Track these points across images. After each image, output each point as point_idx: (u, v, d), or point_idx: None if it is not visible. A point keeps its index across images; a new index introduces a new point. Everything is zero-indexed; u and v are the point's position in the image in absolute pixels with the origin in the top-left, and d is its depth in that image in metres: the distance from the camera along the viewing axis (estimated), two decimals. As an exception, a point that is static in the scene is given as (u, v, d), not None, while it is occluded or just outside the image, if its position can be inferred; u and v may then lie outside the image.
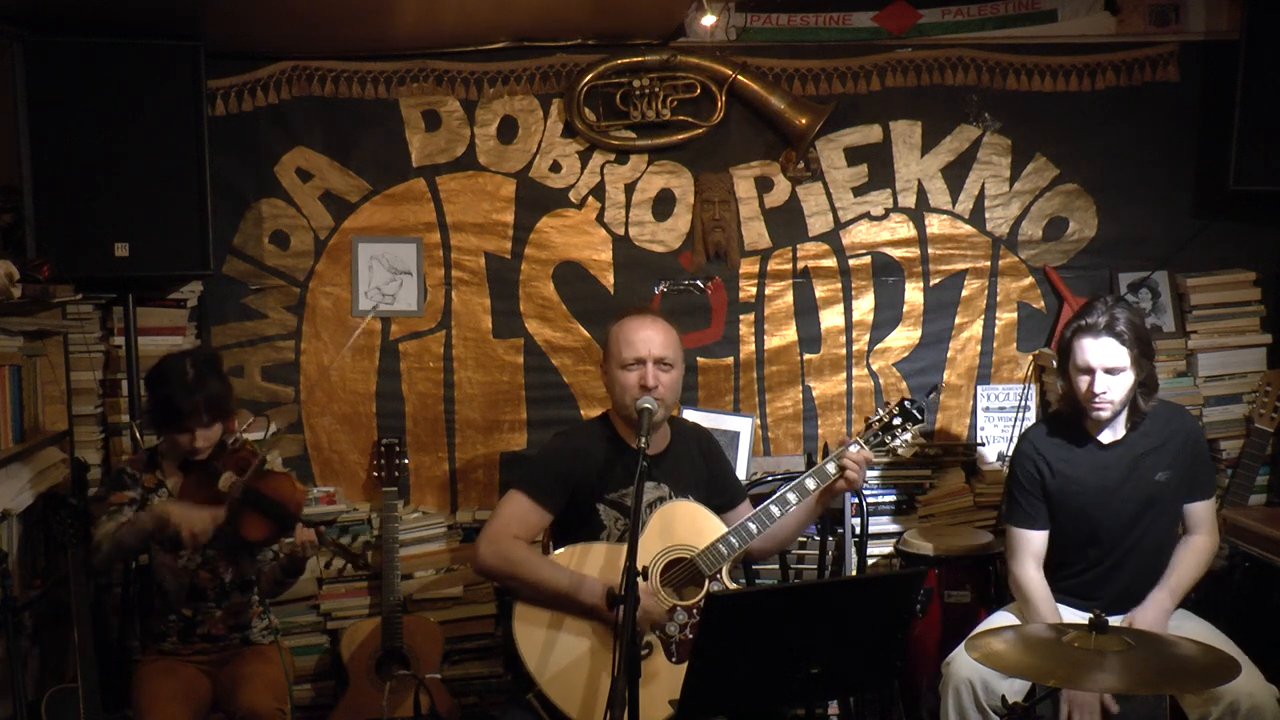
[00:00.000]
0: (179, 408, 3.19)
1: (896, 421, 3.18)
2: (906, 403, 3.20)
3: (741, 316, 4.30)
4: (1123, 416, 3.27)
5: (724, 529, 3.06)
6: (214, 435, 3.27)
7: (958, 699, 3.12)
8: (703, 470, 3.26)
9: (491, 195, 4.22)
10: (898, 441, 3.19)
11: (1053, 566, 3.34)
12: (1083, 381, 3.20)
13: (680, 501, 3.12)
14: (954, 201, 4.31)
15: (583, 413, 4.24)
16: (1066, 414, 3.35)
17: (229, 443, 3.33)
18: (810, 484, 3.10)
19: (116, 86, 3.67)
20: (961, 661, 3.09)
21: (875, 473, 4.16)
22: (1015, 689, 2.97)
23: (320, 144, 4.16)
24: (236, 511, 3.18)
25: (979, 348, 4.35)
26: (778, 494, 3.09)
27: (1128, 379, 3.18)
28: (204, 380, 3.23)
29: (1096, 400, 3.18)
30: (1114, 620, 2.66)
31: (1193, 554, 3.28)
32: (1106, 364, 3.16)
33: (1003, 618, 3.36)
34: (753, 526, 3.05)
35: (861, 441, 3.14)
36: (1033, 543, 3.32)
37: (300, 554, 3.26)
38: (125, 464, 3.41)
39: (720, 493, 3.27)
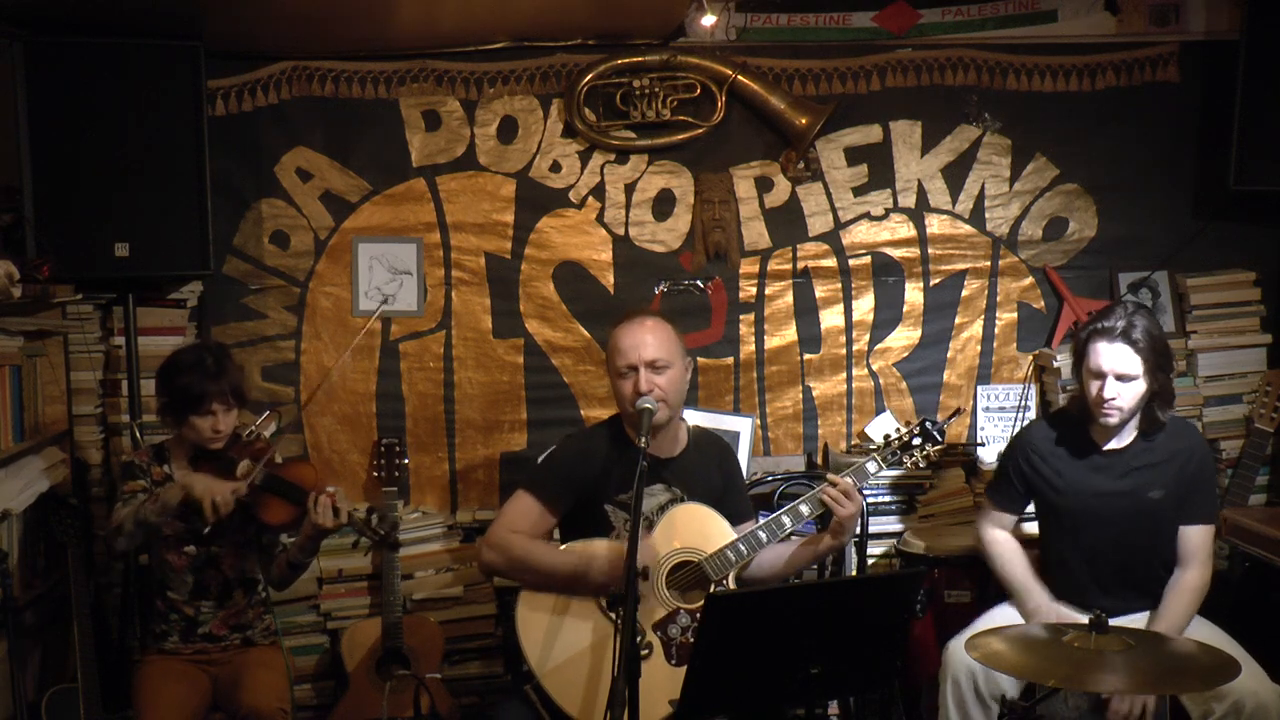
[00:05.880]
0: (201, 388, 3.22)
1: (916, 441, 3.21)
2: (928, 423, 3.22)
3: (741, 316, 4.30)
4: (1131, 424, 3.24)
5: (734, 535, 3.05)
6: (232, 420, 3.31)
7: (956, 688, 3.12)
8: (718, 482, 3.24)
9: (491, 195, 4.22)
10: (915, 459, 3.22)
11: (1046, 567, 3.35)
12: (1093, 385, 3.17)
13: (691, 504, 3.11)
14: (954, 201, 4.31)
15: (583, 413, 4.24)
16: (1073, 414, 3.34)
17: (244, 435, 3.34)
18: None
19: (116, 86, 3.66)
20: (961, 650, 3.08)
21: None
22: (1016, 679, 2.97)
23: (320, 144, 4.15)
24: (256, 497, 3.20)
25: (979, 348, 4.35)
26: (789, 505, 3.09)
27: (1138, 387, 3.14)
28: (222, 363, 3.30)
29: (1105, 406, 3.15)
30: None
31: (1180, 597, 3.18)
32: (1118, 370, 3.12)
33: (1003, 611, 3.37)
34: (763, 535, 3.04)
35: (879, 458, 3.17)
36: (1003, 519, 3.43)
37: (323, 531, 3.25)
38: (133, 456, 3.40)
39: (729, 506, 3.22)
